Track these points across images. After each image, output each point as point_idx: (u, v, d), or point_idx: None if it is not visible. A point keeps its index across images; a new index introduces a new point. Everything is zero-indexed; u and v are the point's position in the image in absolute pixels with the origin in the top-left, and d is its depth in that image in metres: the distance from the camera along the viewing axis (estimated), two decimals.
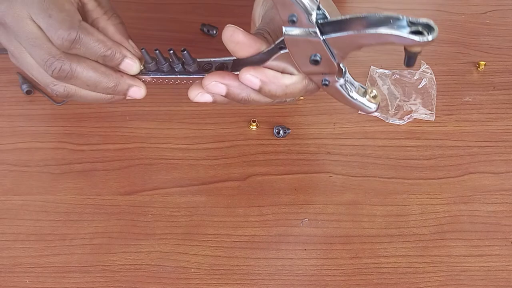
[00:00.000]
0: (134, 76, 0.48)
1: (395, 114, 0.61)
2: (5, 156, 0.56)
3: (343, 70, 0.43)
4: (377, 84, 0.63)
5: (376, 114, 0.61)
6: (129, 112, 0.60)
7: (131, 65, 0.47)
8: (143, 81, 0.50)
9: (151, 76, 0.48)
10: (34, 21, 0.45)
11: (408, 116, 0.60)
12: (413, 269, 0.49)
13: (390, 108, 0.61)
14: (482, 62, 0.66)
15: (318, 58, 0.41)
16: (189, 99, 0.47)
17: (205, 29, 0.69)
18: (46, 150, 0.57)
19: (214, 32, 0.68)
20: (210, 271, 0.49)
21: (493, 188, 0.55)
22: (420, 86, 0.63)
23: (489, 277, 0.48)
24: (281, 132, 0.58)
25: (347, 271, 0.49)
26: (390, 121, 0.60)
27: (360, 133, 0.59)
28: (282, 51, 0.42)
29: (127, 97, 0.50)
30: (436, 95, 0.63)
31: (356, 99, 0.44)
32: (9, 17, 0.46)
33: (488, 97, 0.63)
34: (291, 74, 0.44)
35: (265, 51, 0.43)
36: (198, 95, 0.46)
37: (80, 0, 0.48)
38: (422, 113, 0.61)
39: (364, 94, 0.44)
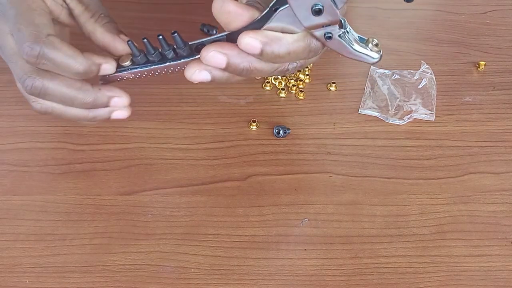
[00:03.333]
0: (122, 71, 0.47)
1: (395, 114, 0.61)
2: (5, 156, 0.56)
3: (343, 21, 0.43)
4: (377, 84, 0.63)
5: (376, 114, 0.61)
6: None
7: (107, 68, 0.47)
8: (132, 78, 0.48)
9: (141, 69, 0.47)
10: (12, 36, 0.44)
11: (408, 116, 0.60)
12: (413, 269, 0.49)
13: (390, 108, 0.61)
14: (482, 62, 0.66)
15: (320, 7, 0.40)
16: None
17: (205, 29, 0.69)
18: (46, 150, 0.57)
19: (214, 32, 0.68)
20: (210, 271, 0.49)
21: (493, 188, 0.55)
22: (420, 86, 0.63)
23: (489, 277, 0.48)
24: (281, 132, 0.58)
25: (347, 271, 0.49)
26: (390, 121, 0.60)
27: (360, 133, 0.59)
28: (279, 10, 0.41)
29: (113, 115, 0.49)
30: (436, 95, 0.63)
31: (358, 50, 0.44)
32: None
33: (488, 97, 0.63)
34: (291, 33, 0.43)
35: (259, 17, 0.42)
36: (196, 72, 0.44)
37: (67, 6, 0.47)
38: (422, 113, 0.61)
39: (366, 44, 0.44)
